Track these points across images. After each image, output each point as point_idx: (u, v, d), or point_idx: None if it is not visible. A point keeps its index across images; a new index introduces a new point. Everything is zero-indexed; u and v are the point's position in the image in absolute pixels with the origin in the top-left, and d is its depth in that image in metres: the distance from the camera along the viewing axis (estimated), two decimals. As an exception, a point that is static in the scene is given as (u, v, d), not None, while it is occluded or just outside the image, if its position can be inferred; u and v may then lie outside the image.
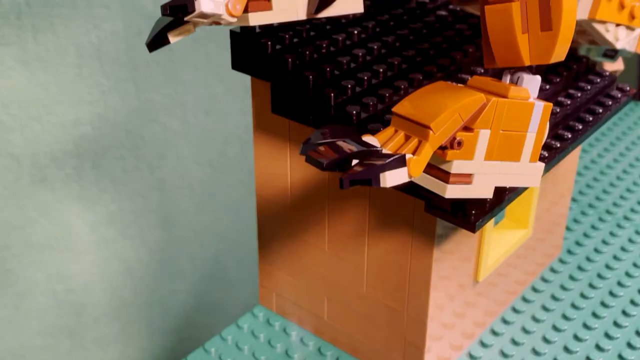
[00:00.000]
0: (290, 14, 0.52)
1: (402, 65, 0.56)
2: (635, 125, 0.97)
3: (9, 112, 0.91)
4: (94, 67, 0.98)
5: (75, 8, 0.93)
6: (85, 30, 0.95)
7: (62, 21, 0.92)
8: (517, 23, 0.44)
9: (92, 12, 0.95)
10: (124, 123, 1.04)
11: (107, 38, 0.98)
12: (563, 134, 0.56)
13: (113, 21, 0.98)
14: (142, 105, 1.05)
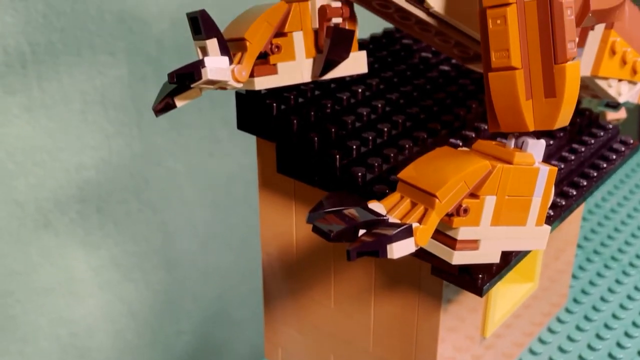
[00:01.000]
0: (296, 77, 0.52)
1: (406, 123, 0.57)
2: (638, 167, 0.98)
3: (13, 160, 0.92)
4: (98, 113, 0.98)
5: (80, 55, 0.94)
6: (89, 77, 0.96)
7: (67, 68, 0.93)
8: (521, 90, 0.45)
9: (97, 59, 0.96)
10: (128, 167, 1.04)
11: (112, 84, 0.99)
12: (568, 191, 0.56)
13: (117, 67, 0.98)
14: (146, 148, 1.05)
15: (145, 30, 1.00)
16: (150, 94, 1.03)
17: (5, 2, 0.85)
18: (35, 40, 0.89)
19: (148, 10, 1.00)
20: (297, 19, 0.52)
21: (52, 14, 0.90)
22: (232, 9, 1.07)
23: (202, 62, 0.48)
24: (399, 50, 0.66)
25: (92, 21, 0.94)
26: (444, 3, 0.50)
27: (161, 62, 1.03)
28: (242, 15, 0.53)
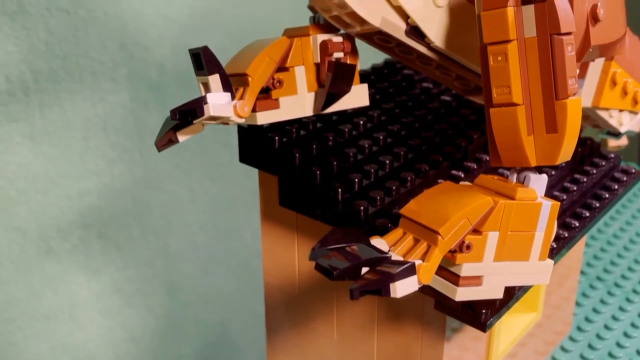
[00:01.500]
0: (298, 111, 0.53)
1: (408, 155, 0.57)
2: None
3: (15, 187, 0.92)
4: (101, 139, 0.98)
5: (82, 82, 0.95)
6: (91, 104, 0.96)
7: (69, 95, 0.94)
8: (522, 125, 0.45)
9: (99, 85, 0.97)
10: (130, 192, 1.04)
11: (114, 110, 0.99)
12: (570, 223, 0.56)
13: (119, 93, 0.99)
14: (147, 174, 1.05)
15: (146, 56, 1.00)
16: (152, 119, 1.03)
17: (8, 31, 0.86)
18: (38, 68, 0.90)
19: (149, 36, 1.00)
20: (299, 54, 0.52)
21: (54, 41, 0.90)
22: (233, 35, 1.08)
23: (205, 98, 0.48)
24: (400, 80, 0.66)
25: (94, 48, 0.95)
26: (445, 38, 0.50)
27: (162, 87, 1.03)
28: (244, 49, 0.54)
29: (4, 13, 0.85)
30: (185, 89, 1.04)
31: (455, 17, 0.50)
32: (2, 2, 0.85)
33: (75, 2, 0.91)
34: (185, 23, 1.03)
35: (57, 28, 0.90)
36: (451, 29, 0.51)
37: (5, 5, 0.85)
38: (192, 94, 1.05)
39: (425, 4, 0.49)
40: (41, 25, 0.89)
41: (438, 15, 0.50)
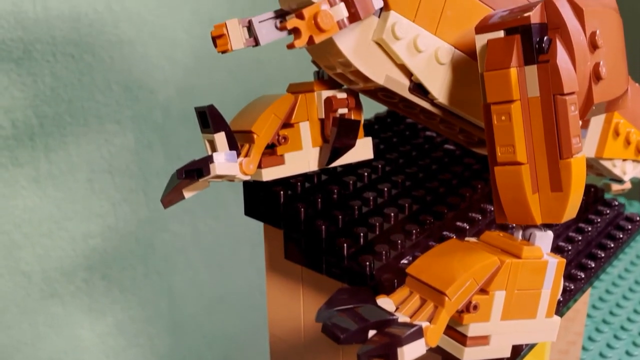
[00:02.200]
0: (302, 166, 0.53)
1: (412, 206, 0.57)
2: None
3: (20, 231, 0.92)
4: (105, 181, 0.99)
5: (87, 125, 0.95)
6: (96, 146, 0.97)
7: (74, 139, 0.94)
8: (527, 184, 0.45)
9: (104, 128, 0.97)
10: (134, 233, 1.04)
11: (118, 152, 1.00)
12: (576, 274, 0.56)
13: (124, 135, 0.99)
14: (152, 215, 1.05)
15: (151, 98, 1.01)
16: (156, 160, 1.04)
17: (14, 77, 0.87)
18: (43, 112, 0.90)
19: (154, 78, 1.01)
20: (304, 110, 0.52)
21: (60, 86, 0.91)
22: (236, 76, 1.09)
23: (211, 157, 0.48)
24: (403, 130, 0.66)
25: (99, 91, 0.95)
26: (449, 94, 0.51)
27: (167, 128, 1.04)
28: (249, 105, 0.54)
29: (10, 59, 0.86)
30: (189, 130, 1.05)
31: (458, 73, 0.51)
32: (9, 49, 0.85)
33: (80, 47, 0.92)
34: (190, 65, 1.04)
35: (62, 73, 0.91)
36: (454, 85, 0.51)
37: (12, 52, 0.86)
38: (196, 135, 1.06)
39: (428, 62, 0.50)
40: (47, 71, 0.90)
41: (441, 72, 0.50)
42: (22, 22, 0.86)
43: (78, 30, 0.92)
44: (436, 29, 0.50)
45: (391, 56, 0.49)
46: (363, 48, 0.48)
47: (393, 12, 0.48)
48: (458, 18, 0.51)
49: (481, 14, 0.51)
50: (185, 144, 1.06)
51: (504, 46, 0.45)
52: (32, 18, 0.87)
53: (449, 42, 0.51)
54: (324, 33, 0.43)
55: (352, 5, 0.44)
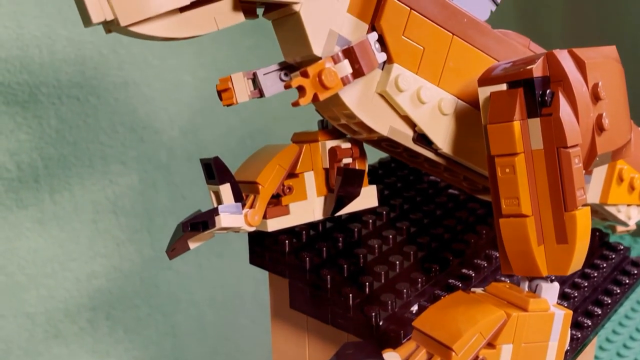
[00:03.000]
0: (307, 216, 0.53)
1: (417, 253, 0.57)
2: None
3: (25, 272, 0.92)
4: (110, 221, 0.99)
5: (91, 166, 0.96)
6: (101, 187, 0.97)
7: (79, 180, 0.95)
8: (532, 236, 0.45)
9: (108, 169, 0.98)
10: (138, 273, 1.04)
11: (123, 192, 1.00)
12: (583, 322, 0.56)
13: (129, 175, 1.00)
14: (156, 254, 1.05)
15: (155, 138, 1.02)
16: (161, 199, 1.04)
17: (20, 120, 0.87)
18: (48, 154, 0.91)
19: (159, 118, 1.02)
20: (308, 160, 0.53)
21: (65, 128, 0.92)
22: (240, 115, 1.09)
23: (216, 210, 0.48)
24: (407, 175, 0.67)
25: (104, 133, 0.96)
26: (452, 144, 0.51)
27: (171, 167, 1.04)
28: (254, 155, 0.54)
29: (15, 103, 0.87)
30: (193, 170, 1.05)
31: (461, 123, 0.51)
32: (14, 93, 0.86)
33: (86, 89, 0.93)
34: (194, 105, 1.05)
35: (68, 115, 0.92)
36: (458, 135, 0.51)
37: (17, 96, 0.87)
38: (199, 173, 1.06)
39: (431, 113, 0.50)
40: (52, 113, 0.90)
41: (445, 123, 0.51)
42: (28, 66, 0.87)
43: (83, 73, 0.93)
44: (439, 80, 0.50)
45: (395, 108, 0.50)
46: (367, 100, 0.49)
47: (396, 65, 0.49)
48: (460, 69, 0.51)
49: (483, 64, 0.52)
50: (189, 184, 1.06)
51: (507, 99, 0.45)
52: (37, 62, 0.88)
53: (452, 92, 0.51)
54: (328, 90, 0.43)
55: (356, 62, 0.44)
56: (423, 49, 0.50)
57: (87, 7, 0.40)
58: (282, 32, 0.49)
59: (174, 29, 0.43)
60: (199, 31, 0.45)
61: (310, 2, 0.46)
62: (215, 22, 0.45)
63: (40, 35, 0.88)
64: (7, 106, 0.86)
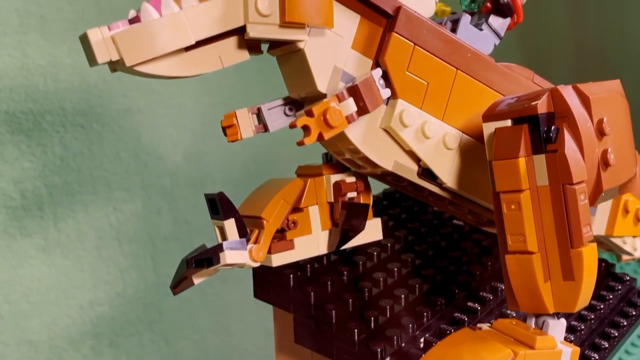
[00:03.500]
0: (312, 250, 0.53)
1: (423, 286, 0.56)
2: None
3: (28, 300, 0.92)
4: (113, 248, 0.99)
5: (95, 193, 0.96)
6: (105, 214, 0.97)
7: (83, 207, 0.95)
8: (538, 273, 0.45)
9: (112, 196, 0.98)
10: (142, 299, 1.04)
11: (127, 218, 1.00)
12: (590, 356, 0.55)
13: (132, 202, 1.00)
14: (159, 280, 1.05)
15: (159, 164, 1.02)
16: (164, 225, 1.04)
17: (24, 149, 0.87)
18: (52, 182, 0.91)
19: (163, 144, 1.02)
20: (313, 194, 0.53)
21: (69, 156, 0.92)
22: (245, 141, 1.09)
23: (221, 246, 0.48)
24: (411, 205, 0.66)
25: (108, 160, 0.96)
26: (457, 178, 0.51)
27: (175, 193, 1.04)
28: (258, 190, 0.54)
29: (20, 131, 0.87)
30: (197, 195, 1.05)
31: (466, 158, 0.51)
32: (19, 121, 0.87)
33: (90, 117, 0.93)
34: (197, 131, 1.05)
35: (72, 143, 0.92)
36: (463, 169, 0.51)
37: (22, 124, 0.87)
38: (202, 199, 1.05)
39: (436, 148, 0.50)
40: (56, 141, 0.90)
41: (449, 157, 0.51)
42: (33, 94, 0.88)
43: (88, 101, 0.93)
44: (443, 115, 0.50)
45: (399, 143, 0.50)
46: (371, 135, 0.49)
47: (400, 100, 0.49)
48: (464, 103, 0.51)
49: (487, 98, 0.52)
50: (192, 209, 1.06)
51: (511, 135, 0.45)
52: (42, 90, 0.88)
53: (456, 127, 0.51)
54: (333, 129, 0.43)
55: (360, 99, 0.44)
56: (427, 84, 0.50)
57: (93, 47, 0.41)
58: (287, 68, 0.49)
59: (179, 68, 0.43)
60: (204, 69, 0.45)
61: (315, 40, 0.47)
62: (220, 60, 0.45)
63: (45, 63, 0.88)
64: (11, 135, 0.87)
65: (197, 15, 0.43)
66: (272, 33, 0.45)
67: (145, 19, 0.42)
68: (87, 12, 0.91)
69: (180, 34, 0.42)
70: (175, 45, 0.42)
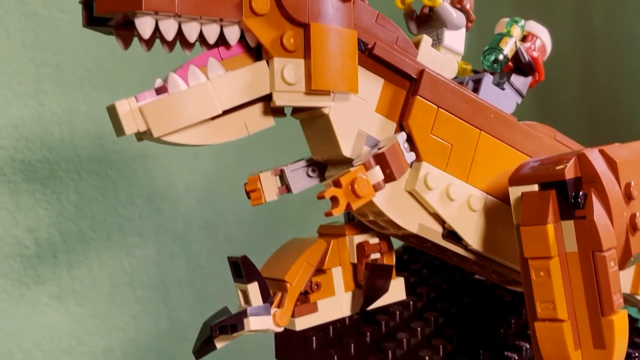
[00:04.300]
0: (335, 312, 0.52)
1: (447, 347, 0.56)
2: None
3: (42, 349, 0.91)
4: (127, 294, 0.98)
5: (109, 239, 0.95)
6: (118, 259, 0.97)
7: (97, 254, 0.94)
8: (569, 341, 0.44)
9: (126, 241, 0.97)
10: (155, 345, 1.03)
11: (140, 264, 0.99)
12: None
13: (146, 247, 0.99)
14: (172, 324, 1.04)
15: (173, 209, 1.02)
16: (177, 270, 1.03)
17: (39, 197, 0.87)
18: (67, 229, 0.91)
19: (176, 189, 1.02)
20: (336, 255, 0.52)
21: (84, 202, 0.92)
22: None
23: (245, 312, 0.48)
24: (432, 260, 0.66)
25: (122, 205, 0.96)
26: (482, 240, 0.51)
27: (188, 238, 1.04)
28: (282, 250, 0.54)
29: (35, 180, 0.87)
30: (210, 238, 1.05)
31: (491, 219, 0.51)
32: (34, 169, 0.87)
33: (104, 163, 0.93)
34: (211, 174, 1.05)
35: (86, 189, 0.92)
36: (488, 231, 0.51)
37: (37, 172, 0.87)
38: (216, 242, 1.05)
39: (461, 209, 0.50)
40: (71, 188, 0.90)
41: (474, 219, 0.50)
42: (49, 143, 0.88)
43: (102, 147, 0.93)
44: (468, 176, 0.50)
45: (424, 205, 0.49)
46: (396, 198, 0.48)
47: (425, 163, 0.48)
48: (488, 164, 0.51)
49: (511, 158, 0.51)
50: (206, 253, 1.06)
51: (539, 201, 0.45)
52: (58, 139, 0.88)
53: (481, 188, 0.51)
54: (361, 199, 0.43)
55: (387, 167, 0.44)
56: (451, 146, 0.49)
57: (121, 119, 0.41)
58: (311, 131, 0.49)
59: (205, 137, 0.43)
60: (230, 137, 0.45)
61: (339, 104, 0.47)
62: (245, 127, 0.45)
63: (61, 112, 0.89)
64: (27, 183, 0.87)
65: (224, 84, 0.43)
66: (298, 101, 0.45)
67: (173, 89, 0.42)
68: (103, 61, 0.92)
69: (208, 104, 0.42)
70: (202, 116, 0.42)
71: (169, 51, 0.44)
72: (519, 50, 0.54)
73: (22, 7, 0.85)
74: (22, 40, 0.85)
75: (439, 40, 0.53)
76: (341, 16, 0.45)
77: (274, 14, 0.43)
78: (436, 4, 0.52)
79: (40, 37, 0.86)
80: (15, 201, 0.86)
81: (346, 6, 0.45)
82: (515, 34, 0.54)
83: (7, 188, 0.86)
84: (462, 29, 0.54)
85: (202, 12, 0.41)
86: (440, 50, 0.53)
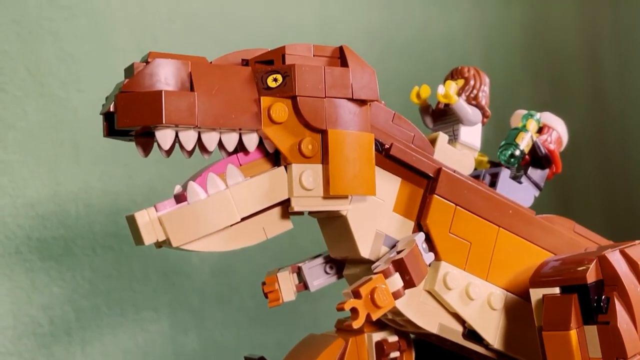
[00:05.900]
0: None
1: None
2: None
3: None
4: (140, 370, 0.97)
5: (123, 315, 0.95)
6: (132, 335, 0.96)
7: (110, 330, 0.94)
8: None
9: (140, 316, 0.97)
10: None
11: (154, 338, 0.98)
12: None
13: (160, 322, 0.99)
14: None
15: (187, 283, 1.01)
16: (190, 344, 1.02)
17: (54, 274, 0.87)
18: (81, 306, 0.90)
19: (190, 262, 1.02)
20: (354, 355, 0.51)
21: (98, 278, 0.92)
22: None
23: (263, 419, 0.47)
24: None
25: (137, 280, 0.96)
26: (504, 339, 0.50)
27: (203, 311, 1.03)
28: (298, 349, 0.53)
29: (50, 257, 0.87)
30: (224, 311, 1.04)
31: (512, 317, 0.50)
32: (50, 247, 0.87)
33: (120, 238, 0.93)
34: (225, 247, 1.05)
35: (101, 266, 0.92)
36: (509, 329, 0.50)
37: (53, 250, 0.87)
38: (230, 315, 1.03)
39: (481, 309, 0.49)
40: (86, 265, 0.90)
41: (495, 318, 0.50)
42: (65, 221, 0.88)
43: (117, 223, 0.93)
44: (487, 274, 0.50)
45: (444, 304, 0.49)
46: (415, 299, 0.48)
47: (444, 263, 0.48)
48: (508, 261, 0.50)
49: (530, 254, 0.51)
50: (220, 326, 1.05)
51: (561, 305, 0.44)
52: (73, 216, 0.89)
53: (500, 285, 0.50)
54: (381, 309, 0.42)
55: (406, 273, 0.44)
56: (470, 244, 0.49)
57: (141, 230, 0.41)
58: (328, 230, 0.49)
59: (223, 243, 0.43)
60: (248, 242, 0.45)
61: (357, 205, 0.47)
62: (264, 232, 0.45)
63: (77, 190, 0.89)
64: (42, 262, 0.87)
65: (243, 192, 0.43)
66: (316, 205, 0.45)
67: (192, 199, 0.42)
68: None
69: (227, 212, 0.42)
70: (221, 224, 0.42)
71: (188, 157, 0.44)
72: (535, 143, 0.54)
73: (40, 89, 0.86)
74: (40, 122, 0.86)
75: (455, 136, 0.53)
76: (358, 120, 0.45)
77: (292, 122, 0.44)
78: (452, 102, 0.52)
79: (58, 117, 0.88)
80: (31, 280, 0.86)
81: (363, 110, 0.46)
82: (531, 128, 0.54)
83: (22, 267, 0.86)
84: (478, 125, 0.54)
85: (222, 123, 0.41)
86: (456, 146, 0.53)
